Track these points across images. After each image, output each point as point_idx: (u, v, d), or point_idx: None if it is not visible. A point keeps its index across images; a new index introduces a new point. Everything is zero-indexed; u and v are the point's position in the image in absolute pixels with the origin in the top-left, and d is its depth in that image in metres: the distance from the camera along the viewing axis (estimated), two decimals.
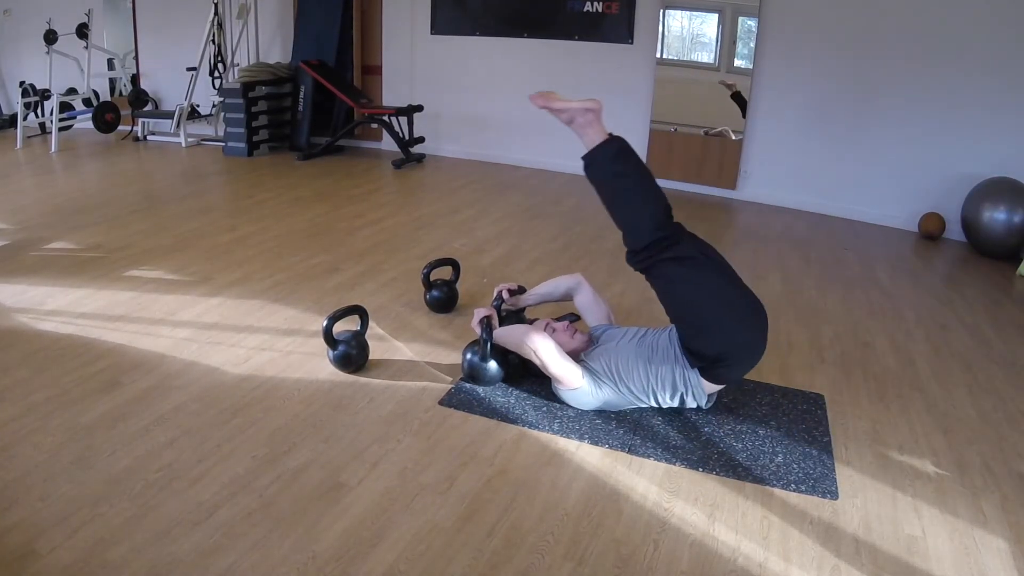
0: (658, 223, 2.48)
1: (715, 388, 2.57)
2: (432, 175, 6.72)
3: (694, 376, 2.52)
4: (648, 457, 2.40)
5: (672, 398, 2.57)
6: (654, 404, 2.61)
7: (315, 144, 7.53)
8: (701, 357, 2.48)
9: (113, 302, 3.48)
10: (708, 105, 6.22)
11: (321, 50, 7.48)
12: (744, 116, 6.05)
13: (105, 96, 8.62)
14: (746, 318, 2.46)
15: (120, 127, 7.89)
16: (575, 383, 2.59)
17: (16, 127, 7.60)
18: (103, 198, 5.43)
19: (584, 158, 2.57)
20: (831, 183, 5.84)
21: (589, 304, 3.05)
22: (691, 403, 2.58)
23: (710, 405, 2.64)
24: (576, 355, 2.74)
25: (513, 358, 2.86)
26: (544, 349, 2.59)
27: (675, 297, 2.50)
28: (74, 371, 2.80)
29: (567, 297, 3.13)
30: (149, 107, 8.33)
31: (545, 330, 2.76)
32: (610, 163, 2.53)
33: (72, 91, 8.31)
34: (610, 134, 2.56)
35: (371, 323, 3.16)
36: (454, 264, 3.58)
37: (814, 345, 3.34)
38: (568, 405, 2.67)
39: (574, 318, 2.98)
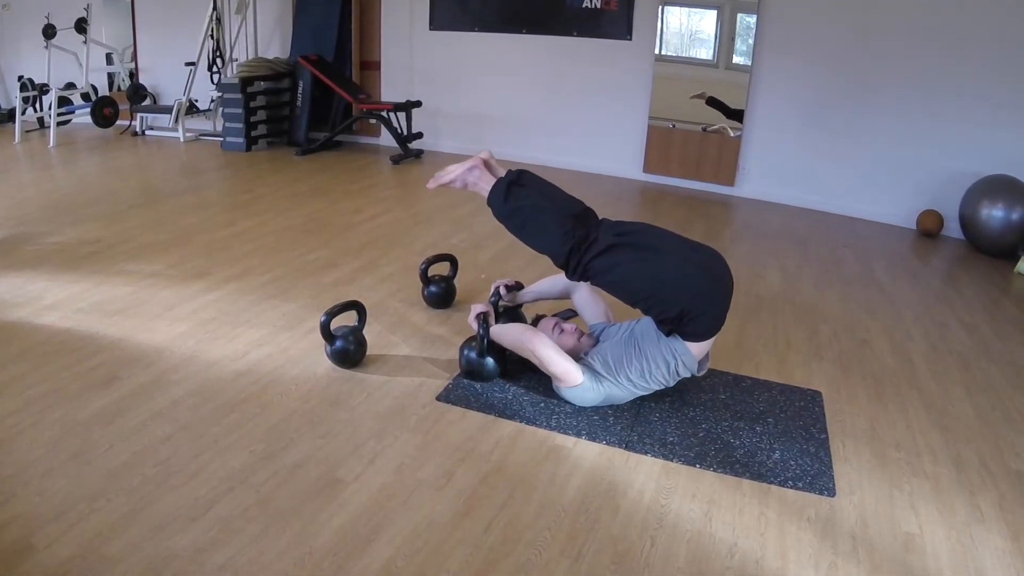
0: (564, 236, 2.55)
1: (703, 350, 2.58)
2: (430, 170, 6.66)
3: (678, 344, 2.54)
4: (645, 453, 2.40)
5: (668, 374, 2.58)
6: (656, 387, 2.62)
7: (313, 139, 7.52)
8: (667, 322, 2.52)
9: (111, 297, 3.47)
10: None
11: (320, 45, 7.46)
12: (729, 116, 6.05)
13: (104, 91, 8.60)
14: (692, 267, 2.50)
15: (118, 122, 7.88)
16: (575, 380, 2.59)
17: (15, 121, 7.59)
18: (101, 193, 5.42)
19: (491, 207, 2.72)
20: (829, 180, 5.84)
21: (587, 301, 3.05)
22: (684, 372, 2.59)
23: (703, 372, 2.66)
24: (577, 355, 2.74)
25: (511, 354, 2.86)
26: (542, 348, 2.60)
27: (617, 285, 2.56)
28: (72, 366, 2.80)
29: (565, 294, 3.13)
30: (147, 102, 8.32)
31: (553, 330, 2.77)
32: (503, 204, 2.66)
33: (71, 86, 8.29)
34: (500, 175, 2.70)
35: (369, 318, 3.16)
36: (452, 260, 3.58)
37: (812, 342, 3.34)
38: (567, 402, 2.67)
39: (571, 314, 2.98)
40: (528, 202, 2.63)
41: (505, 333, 2.77)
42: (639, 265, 2.50)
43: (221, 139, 7.41)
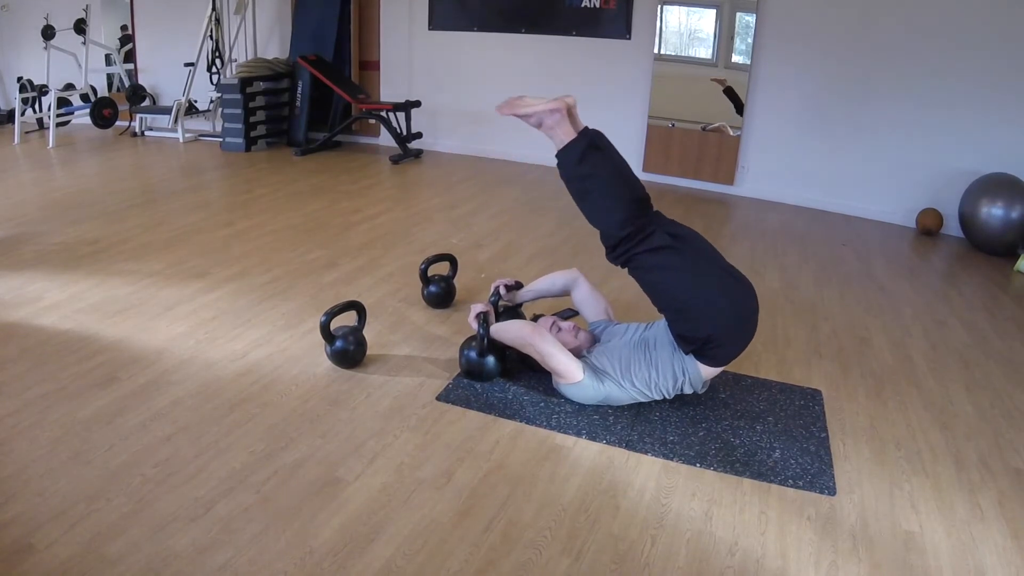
0: (626, 219, 2.48)
1: (712, 373, 2.58)
2: (430, 170, 6.71)
3: (691, 364, 2.54)
4: (646, 453, 2.40)
5: (672, 388, 2.59)
6: (656, 397, 2.62)
7: (313, 139, 7.52)
8: (691, 341, 2.49)
9: (111, 297, 3.47)
10: (706, 101, 6.22)
11: (319, 45, 7.46)
12: (738, 112, 6.04)
13: (103, 91, 8.60)
14: (729, 296, 2.47)
15: (118, 122, 7.88)
16: (576, 377, 2.59)
17: (14, 122, 7.59)
18: (101, 193, 5.42)
19: (557, 160, 2.57)
20: (829, 179, 5.84)
21: (587, 299, 3.05)
22: (688, 389, 2.60)
23: (704, 390, 2.66)
24: (578, 353, 2.75)
25: (511, 353, 2.86)
26: (543, 343, 2.60)
27: (655, 286, 2.53)
28: (71, 366, 2.80)
29: (564, 292, 3.13)
30: (147, 103, 8.31)
31: (551, 329, 2.77)
32: (575, 165, 2.52)
33: (70, 86, 8.28)
34: (582, 131, 2.53)
35: (368, 318, 3.16)
36: (452, 259, 3.58)
37: (811, 341, 3.34)
38: (567, 400, 2.67)
39: (571, 313, 2.98)
40: (602, 172, 2.51)
41: (506, 330, 2.76)
42: (683, 276, 2.46)
43: (220, 139, 7.40)
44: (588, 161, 2.49)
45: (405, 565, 1.86)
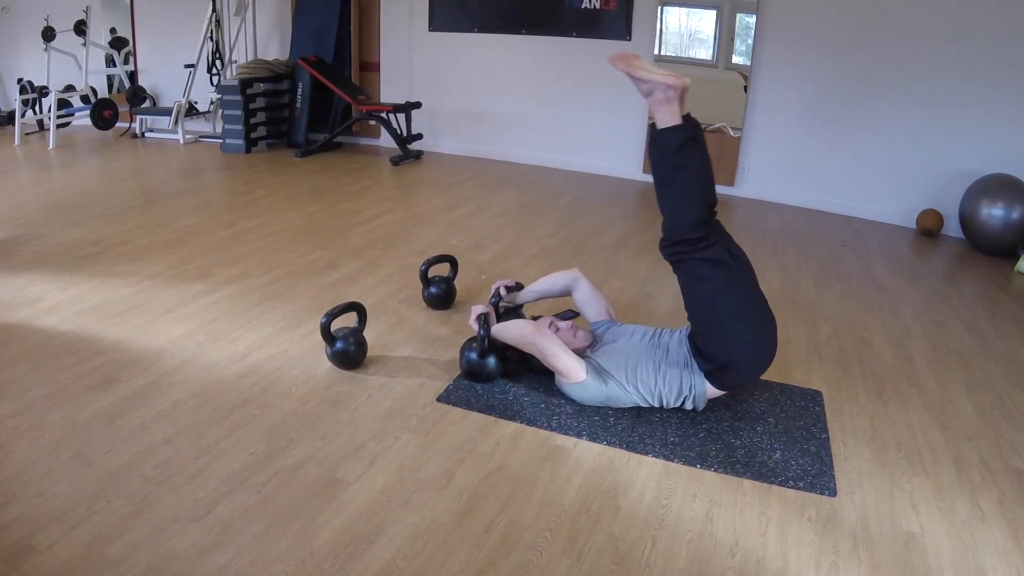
0: (698, 223, 2.44)
1: (716, 394, 2.58)
2: (430, 171, 6.71)
3: (700, 382, 2.53)
4: (646, 454, 2.40)
5: (676, 401, 2.59)
6: (656, 405, 2.61)
7: (313, 141, 7.52)
8: (711, 360, 2.48)
9: (111, 298, 3.47)
10: (706, 101, 6.21)
11: (319, 46, 7.47)
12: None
13: (103, 93, 8.60)
14: (762, 329, 2.49)
15: (118, 124, 7.88)
16: (579, 377, 2.59)
17: (14, 124, 7.59)
18: (101, 194, 5.42)
19: (653, 135, 2.47)
20: (829, 179, 5.84)
21: (588, 299, 3.05)
22: (688, 406, 2.60)
23: (702, 407, 2.66)
24: (580, 353, 2.74)
25: (511, 354, 2.86)
26: (546, 343, 2.60)
27: (698, 296, 2.49)
28: (72, 367, 2.80)
29: (565, 293, 3.13)
30: (147, 104, 8.32)
31: (548, 329, 2.77)
32: (672, 153, 2.42)
33: (70, 88, 8.29)
34: (686, 117, 2.44)
35: (369, 320, 3.16)
36: (452, 260, 3.58)
37: (812, 341, 3.34)
38: (568, 401, 2.67)
39: (572, 314, 2.98)
40: (694, 168, 2.43)
41: (507, 330, 2.76)
42: (728, 297, 2.44)
43: (221, 141, 7.40)
44: (686, 151, 2.41)
45: (405, 566, 1.86)
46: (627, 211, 5.66)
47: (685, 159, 2.42)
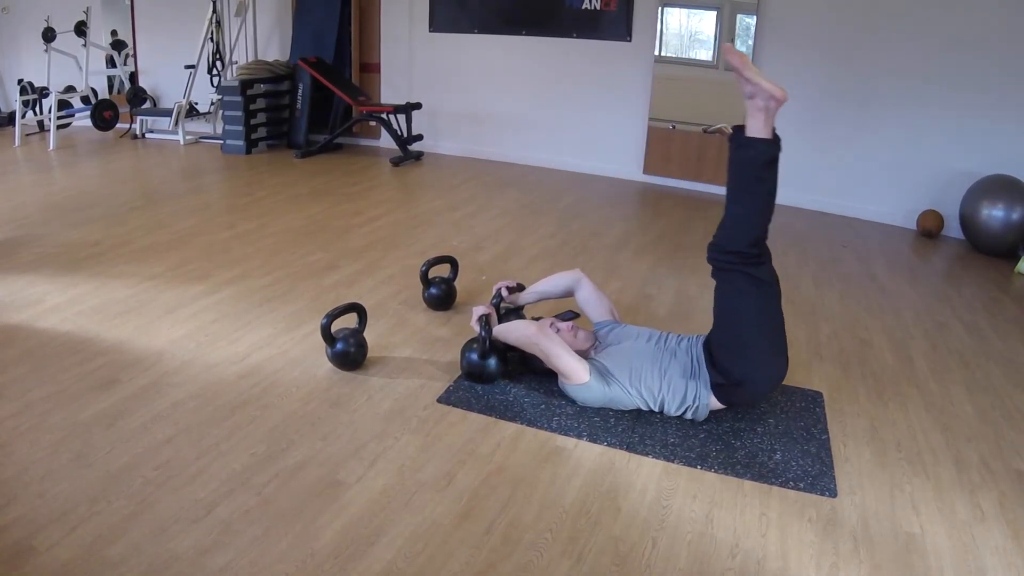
0: (758, 239, 2.44)
1: (718, 407, 2.58)
2: (430, 172, 6.71)
3: (705, 394, 2.53)
4: (646, 455, 2.40)
5: (677, 409, 2.58)
6: (657, 410, 2.61)
7: (313, 142, 7.53)
8: (726, 374, 2.48)
9: (112, 299, 3.48)
10: (707, 102, 6.22)
11: (319, 47, 7.47)
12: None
13: (103, 94, 8.61)
14: (780, 356, 2.51)
15: (118, 125, 7.88)
16: (582, 378, 2.58)
17: (14, 125, 7.59)
18: (101, 195, 5.42)
19: (739, 138, 2.43)
20: (829, 180, 5.84)
21: (590, 299, 3.04)
22: (689, 416, 2.59)
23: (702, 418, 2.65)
24: (582, 354, 2.74)
25: (512, 355, 2.86)
26: (549, 344, 2.60)
27: (732, 309, 2.49)
28: (72, 368, 2.80)
29: (567, 293, 3.13)
30: (147, 105, 8.32)
31: (550, 329, 2.76)
32: (760, 166, 2.41)
33: (70, 89, 8.29)
34: (774, 134, 2.42)
35: (369, 320, 3.16)
36: (452, 261, 3.58)
37: (812, 342, 3.34)
38: (569, 402, 2.67)
39: (573, 315, 2.97)
40: (772, 185, 2.42)
41: (510, 331, 2.76)
42: (760, 318, 2.45)
43: (221, 142, 7.41)
44: (772, 168, 2.41)
45: (406, 567, 1.86)
46: (627, 212, 5.66)
47: (768, 175, 2.41)
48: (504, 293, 3.13)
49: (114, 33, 8.66)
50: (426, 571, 1.85)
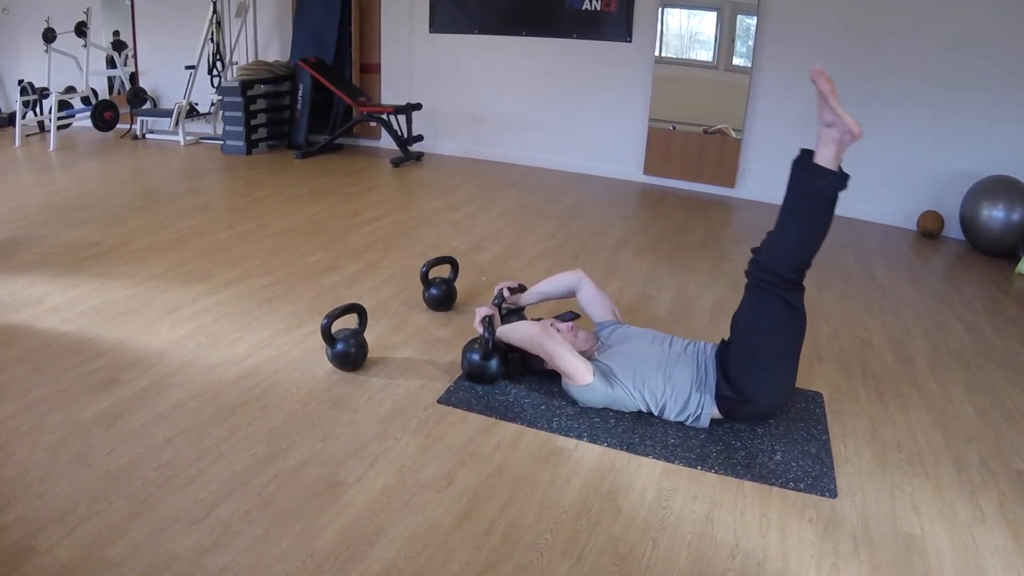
0: (801, 267, 2.44)
1: (718, 416, 2.57)
2: (430, 173, 6.72)
3: (708, 404, 2.52)
4: (647, 455, 2.40)
5: (678, 416, 2.57)
6: (657, 414, 2.60)
7: (313, 142, 7.53)
8: (737, 389, 2.47)
9: (112, 300, 3.48)
10: (707, 103, 6.22)
11: (320, 48, 7.47)
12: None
13: (104, 94, 8.61)
14: (789, 385, 2.52)
15: (119, 125, 7.88)
16: (585, 379, 2.58)
17: (15, 125, 7.60)
18: (101, 196, 5.43)
19: (806, 163, 2.39)
20: None
21: (592, 300, 3.04)
22: (690, 423, 2.57)
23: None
24: (584, 354, 2.73)
25: (513, 356, 2.86)
26: (552, 344, 2.60)
27: (758, 327, 2.46)
28: (72, 369, 2.80)
29: (569, 294, 3.13)
30: (148, 105, 8.32)
31: (552, 330, 2.76)
32: (823, 196, 2.38)
33: (71, 89, 8.29)
34: (841, 169, 2.41)
35: (369, 321, 3.16)
36: (452, 262, 3.58)
37: (812, 343, 3.34)
38: (570, 402, 2.67)
39: (573, 315, 2.97)
40: (829, 218, 2.41)
41: (514, 331, 2.76)
42: (781, 342, 2.46)
43: (221, 142, 7.41)
44: (834, 203, 2.38)
45: (406, 568, 1.86)
46: (627, 212, 5.66)
47: (829, 208, 2.39)
48: (506, 294, 3.13)
49: (116, 34, 8.66)
50: (426, 571, 1.85)
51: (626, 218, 5.45)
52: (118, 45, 8.66)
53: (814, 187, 2.38)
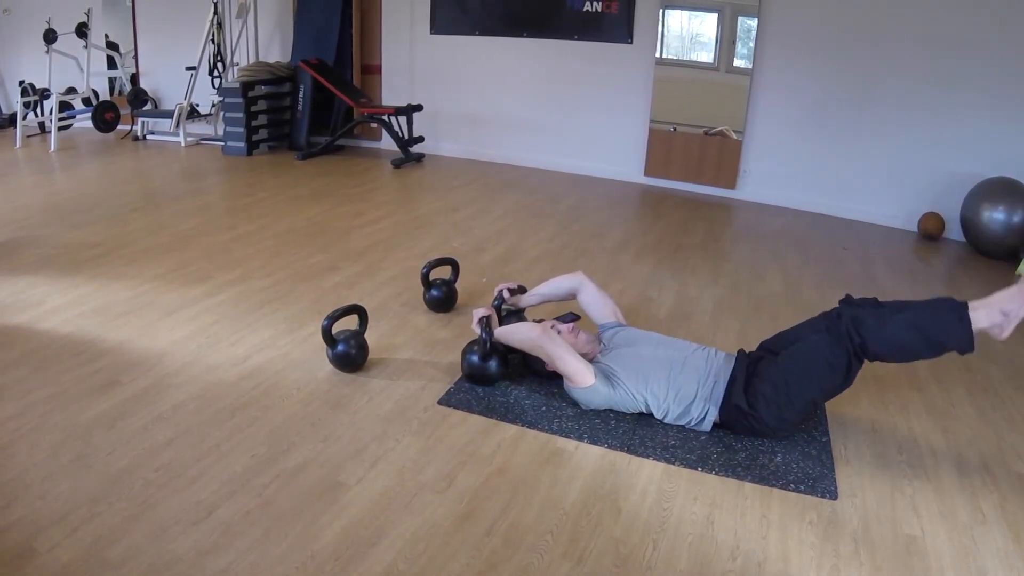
0: (882, 355, 2.40)
1: (717, 421, 2.57)
2: (431, 174, 6.72)
3: (712, 412, 2.52)
4: (647, 456, 2.40)
5: (678, 419, 2.56)
6: (659, 417, 2.59)
7: (314, 143, 7.53)
8: (753, 403, 2.45)
9: (112, 301, 3.48)
10: (707, 104, 6.23)
11: (320, 49, 7.48)
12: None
13: (104, 95, 8.61)
14: (795, 423, 2.50)
15: (119, 126, 7.89)
16: (587, 380, 2.58)
17: (15, 126, 7.60)
18: (102, 197, 5.43)
19: (961, 308, 2.36)
20: (830, 182, 5.84)
21: (594, 302, 3.03)
22: (690, 427, 2.57)
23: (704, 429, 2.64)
24: (586, 356, 2.73)
25: (513, 357, 2.86)
26: (553, 346, 2.60)
27: (814, 365, 2.43)
28: (73, 370, 2.80)
29: (570, 296, 3.12)
30: (148, 106, 8.33)
31: (552, 331, 2.76)
32: (939, 345, 2.36)
33: (71, 90, 8.30)
34: (974, 342, 2.35)
35: (370, 322, 3.16)
36: (453, 263, 3.58)
37: None
38: (570, 404, 2.67)
39: (574, 317, 2.97)
40: (929, 356, 2.41)
41: (514, 332, 2.76)
42: (822, 391, 2.48)
43: (222, 143, 7.41)
44: (942, 352, 2.39)
45: (406, 569, 1.86)
46: (628, 214, 5.67)
47: (937, 352, 2.39)
48: (506, 295, 3.13)
49: (106, 37, 8.65)
50: (427, 573, 1.85)
51: (627, 219, 5.45)
52: (110, 47, 8.67)
53: (948, 330, 2.33)
